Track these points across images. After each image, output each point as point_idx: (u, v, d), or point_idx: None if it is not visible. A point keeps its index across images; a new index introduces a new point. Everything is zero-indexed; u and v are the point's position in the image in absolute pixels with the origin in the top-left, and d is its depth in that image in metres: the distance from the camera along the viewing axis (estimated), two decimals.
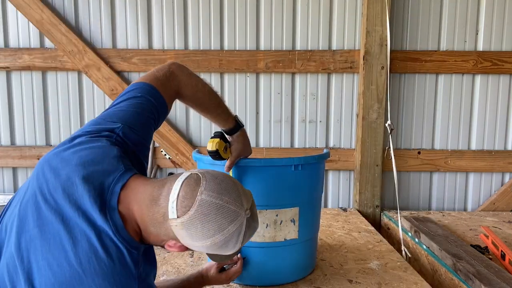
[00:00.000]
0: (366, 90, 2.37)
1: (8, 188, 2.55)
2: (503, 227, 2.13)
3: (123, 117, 0.96)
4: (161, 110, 1.05)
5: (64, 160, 0.87)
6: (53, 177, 0.84)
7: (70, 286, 0.76)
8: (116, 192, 0.83)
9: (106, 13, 2.43)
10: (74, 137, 0.92)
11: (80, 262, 0.76)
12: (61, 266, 0.77)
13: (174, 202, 0.80)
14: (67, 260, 0.77)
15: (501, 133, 2.52)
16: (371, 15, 2.32)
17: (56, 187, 0.82)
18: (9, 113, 2.50)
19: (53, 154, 0.89)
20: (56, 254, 0.77)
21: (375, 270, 1.57)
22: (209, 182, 0.82)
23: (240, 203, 0.83)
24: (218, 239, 0.81)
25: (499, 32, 2.44)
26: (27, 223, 0.81)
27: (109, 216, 0.80)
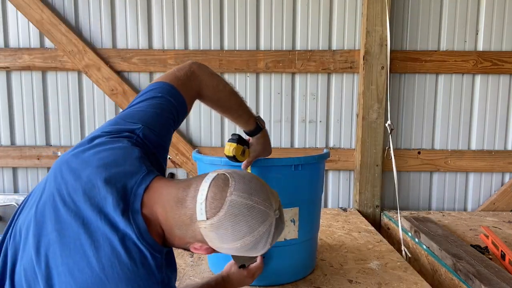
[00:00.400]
0: (366, 90, 2.37)
1: (8, 188, 2.55)
2: (503, 227, 2.13)
3: (143, 118, 0.94)
4: (181, 110, 1.02)
5: (84, 162, 0.84)
6: (72, 179, 0.81)
7: (89, 285, 0.74)
8: (139, 194, 0.80)
9: (106, 13, 2.43)
10: (93, 138, 0.89)
11: (103, 267, 0.74)
12: (83, 271, 0.74)
13: (203, 203, 0.77)
14: (89, 265, 0.74)
15: (501, 133, 2.52)
16: (371, 15, 2.32)
17: (76, 189, 0.80)
18: (9, 113, 2.50)
19: (72, 155, 0.86)
20: (77, 259, 0.75)
21: (375, 270, 1.57)
22: (238, 183, 0.80)
23: (270, 203, 0.81)
24: (248, 240, 0.79)
25: (499, 32, 2.44)
26: (45, 226, 0.79)
27: (132, 219, 0.77)
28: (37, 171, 2.54)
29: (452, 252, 1.67)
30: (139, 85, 2.48)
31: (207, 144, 2.51)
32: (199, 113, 2.50)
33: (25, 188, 2.56)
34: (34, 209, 0.82)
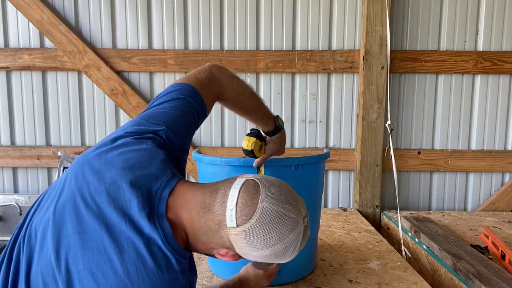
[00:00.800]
0: (366, 90, 2.37)
1: (8, 188, 2.55)
2: (503, 227, 2.13)
3: (166, 119, 0.93)
4: (201, 112, 1.02)
5: (108, 162, 0.82)
6: (96, 180, 0.79)
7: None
8: (164, 198, 0.79)
9: (106, 13, 2.43)
10: (116, 138, 0.88)
11: (128, 272, 0.72)
12: (106, 276, 0.72)
13: (233, 210, 0.76)
14: (113, 269, 0.72)
15: (501, 133, 2.52)
16: (371, 15, 2.32)
17: (100, 191, 0.78)
18: (9, 113, 2.50)
19: (94, 155, 0.84)
20: (100, 263, 0.73)
21: (375, 270, 1.57)
22: (268, 189, 0.79)
23: (299, 211, 0.80)
24: (278, 248, 0.78)
25: (499, 32, 2.44)
26: (65, 228, 0.76)
27: (158, 223, 0.76)
28: (37, 171, 2.55)
29: (452, 252, 1.67)
30: (139, 85, 2.48)
31: (207, 144, 2.51)
32: None
33: (25, 188, 2.56)
34: (52, 209, 0.80)
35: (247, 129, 2.49)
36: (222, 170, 1.38)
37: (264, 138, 1.30)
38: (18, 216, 2.40)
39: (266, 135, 1.29)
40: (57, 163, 2.36)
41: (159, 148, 0.87)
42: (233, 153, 2.47)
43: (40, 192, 2.53)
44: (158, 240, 0.75)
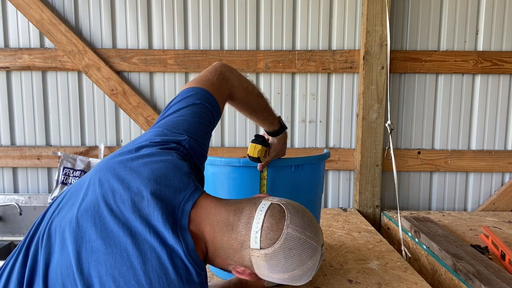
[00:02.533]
0: (366, 90, 2.37)
1: (8, 188, 2.55)
2: (503, 227, 2.13)
3: (188, 128, 0.94)
4: (216, 116, 1.03)
5: (134, 172, 0.83)
6: (121, 188, 0.81)
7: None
8: (187, 211, 0.81)
9: (106, 13, 2.43)
10: (141, 147, 0.89)
11: (150, 281, 0.73)
12: (129, 283, 0.73)
13: (258, 232, 0.79)
14: (136, 277, 0.73)
15: (501, 133, 2.52)
16: (371, 15, 2.32)
17: (125, 200, 0.79)
18: (9, 113, 2.50)
19: (118, 163, 0.86)
20: (123, 270, 0.74)
21: (375, 270, 1.57)
22: (293, 216, 0.82)
23: (319, 239, 0.84)
24: (297, 273, 0.81)
25: (499, 32, 2.44)
26: (87, 233, 0.78)
27: (181, 235, 0.78)
28: (37, 171, 2.55)
29: (452, 252, 1.67)
30: (139, 85, 2.48)
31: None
32: None
33: (25, 188, 2.56)
34: (75, 212, 0.81)
35: (247, 129, 2.49)
36: (222, 170, 1.38)
37: (268, 142, 1.31)
38: (18, 216, 2.40)
39: (271, 135, 1.30)
40: (57, 163, 2.36)
41: (183, 160, 0.89)
42: (233, 153, 2.47)
43: (40, 192, 2.54)
44: (181, 251, 0.77)
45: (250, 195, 1.38)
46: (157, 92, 2.49)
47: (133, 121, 2.48)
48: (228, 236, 0.81)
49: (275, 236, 0.79)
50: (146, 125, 2.45)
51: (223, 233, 0.81)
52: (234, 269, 0.86)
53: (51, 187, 2.53)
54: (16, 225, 2.46)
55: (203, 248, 0.83)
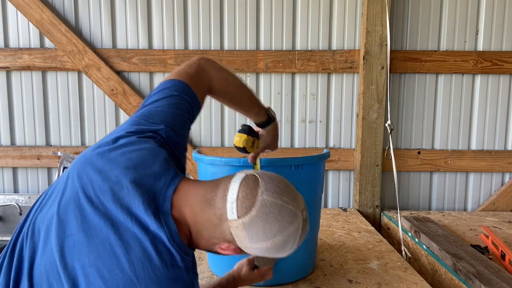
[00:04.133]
0: (366, 90, 2.37)
1: (8, 188, 2.55)
2: (503, 227, 2.13)
3: (164, 118, 0.94)
4: (195, 108, 1.03)
5: (111, 162, 0.83)
6: (100, 179, 0.81)
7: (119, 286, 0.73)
8: (168, 196, 0.81)
9: (106, 13, 2.43)
10: (117, 138, 0.90)
11: (134, 268, 0.73)
12: (113, 272, 0.73)
13: (234, 203, 0.78)
14: (120, 266, 0.73)
15: (501, 133, 2.52)
16: (371, 15, 2.32)
17: (104, 190, 0.79)
18: (9, 113, 2.50)
19: (96, 155, 0.86)
20: (106, 260, 0.74)
21: (375, 270, 1.57)
22: (267, 183, 0.81)
23: (298, 204, 0.82)
24: (278, 240, 0.80)
25: (499, 32, 2.44)
26: (69, 226, 0.78)
27: (164, 221, 0.77)
28: (37, 171, 2.55)
29: (452, 252, 1.67)
30: (139, 85, 2.48)
31: (207, 144, 2.51)
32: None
33: (25, 188, 2.56)
34: (56, 208, 0.81)
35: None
36: (222, 170, 1.38)
37: (257, 133, 1.28)
38: (18, 216, 2.40)
39: (259, 127, 1.28)
40: (57, 163, 2.36)
41: (161, 147, 0.88)
42: (233, 153, 2.46)
43: (40, 192, 2.53)
44: (164, 237, 0.76)
45: None
46: None
47: None
48: (207, 213, 0.80)
49: (250, 204, 0.78)
50: None
51: (202, 211, 0.81)
52: (219, 247, 0.85)
53: None
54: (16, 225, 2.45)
55: (186, 232, 0.82)
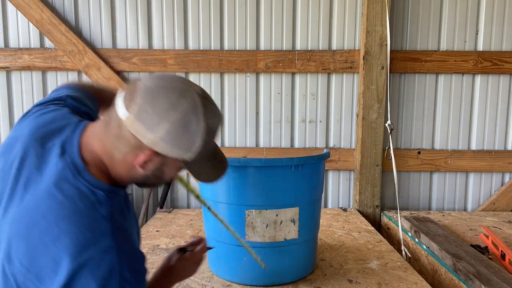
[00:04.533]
0: (366, 90, 2.37)
1: None
2: (503, 227, 2.13)
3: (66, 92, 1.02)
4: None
5: (21, 128, 0.88)
6: (17, 147, 0.84)
7: (35, 236, 0.73)
8: (74, 138, 0.83)
9: (106, 13, 2.43)
10: (24, 114, 0.95)
11: (45, 217, 0.74)
12: (22, 220, 0.76)
13: (121, 104, 0.78)
14: (28, 213, 0.75)
15: (501, 133, 2.52)
16: (371, 15, 2.32)
17: (16, 156, 0.83)
18: (9, 113, 2.50)
19: (12, 130, 0.92)
20: (14, 209, 0.78)
21: (375, 270, 1.57)
22: (146, 78, 0.82)
23: (186, 83, 0.82)
24: (175, 117, 0.76)
25: (499, 32, 2.44)
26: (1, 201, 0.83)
27: (70, 160, 0.79)
28: None
29: (452, 252, 1.67)
30: None
31: None
32: None
33: None
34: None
35: (247, 129, 2.49)
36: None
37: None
38: None
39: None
40: None
41: (63, 107, 0.94)
42: (233, 153, 2.47)
43: None
44: (69, 175, 0.78)
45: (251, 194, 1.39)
46: None
47: None
48: (108, 130, 0.81)
49: (134, 95, 0.78)
50: None
51: (106, 134, 0.81)
52: (137, 162, 0.81)
53: None
54: None
55: (102, 167, 0.82)
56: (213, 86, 2.47)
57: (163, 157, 0.80)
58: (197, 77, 2.47)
